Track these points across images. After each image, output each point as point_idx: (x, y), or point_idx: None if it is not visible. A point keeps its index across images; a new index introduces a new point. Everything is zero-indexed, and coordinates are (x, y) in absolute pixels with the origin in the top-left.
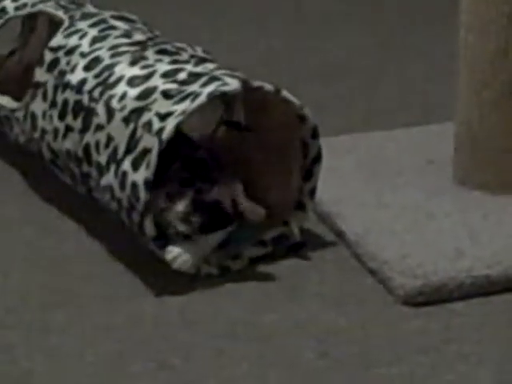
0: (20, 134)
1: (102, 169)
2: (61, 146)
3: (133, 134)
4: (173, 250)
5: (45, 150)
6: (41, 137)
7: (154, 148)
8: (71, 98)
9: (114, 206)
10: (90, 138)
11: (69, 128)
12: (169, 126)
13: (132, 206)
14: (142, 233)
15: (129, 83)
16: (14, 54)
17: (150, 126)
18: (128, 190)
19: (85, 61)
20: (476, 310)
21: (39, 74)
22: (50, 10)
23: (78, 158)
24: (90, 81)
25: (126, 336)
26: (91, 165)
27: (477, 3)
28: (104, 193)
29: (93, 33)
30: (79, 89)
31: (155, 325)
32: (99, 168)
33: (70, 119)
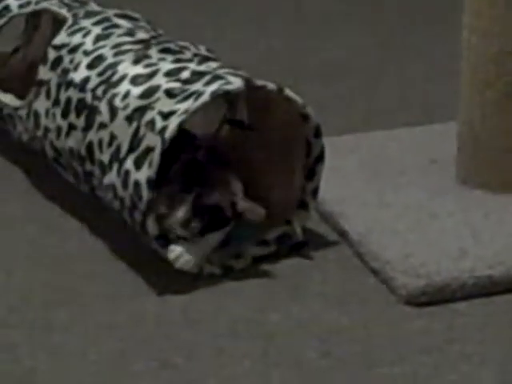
0: (23, 132)
1: (104, 167)
2: (64, 144)
3: (136, 133)
4: (175, 249)
5: (48, 148)
6: (44, 135)
7: (156, 147)
8: (74, 96)
9: (116, 205)
10: (93, 136)
11: (72, 126)
12: (172, 125)
13: (134, 205)
14: (144, 232)
15: (132, 82)
16: (18, 51)
17: (152, 124)
18: (131, 188)
19: (88, 59)
20: (479, 310)
21: (42, 72)
22: (53, 8)
23: (80, 156)
24: (94, 79)
25: (128, 335)
26: (94, 163)
27: (480, 4)
28: (107, 191)
29: (96, 31)
30: (82, 87)
31: (157, 324)
32: (102, 166)
33: (73, 117)
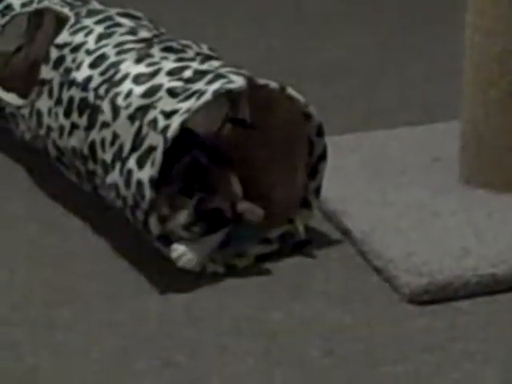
0: (26, 130)
1: (107, 167)
2: (66, 143)
3: (138, 132)
4: (178, 248)
5: (50, 147)
6: (46, 134)
7: (159, 146)
8: (77, 95)
9: (119, 204)
10: (96, 135)
11: (74, 125)
12: (174, 124)
13: (137, 204)
14: (146, 231)
15: (134, 81)
16: (21, 50)
17: (155, 123)
18: (133, 188)
19: (90, 58)
20: (482, 309)
21: (45, 72)
22: (55, 7)
23: (83, 155)
24: (96, 78)
25: (130, 333)
26: (97, 162)
27: (483, 3)
28: (109, 191)
29: (98, 30)
30: (85, 86)
31: (160, 322)
32: (104, 166)
33: (76, 117)
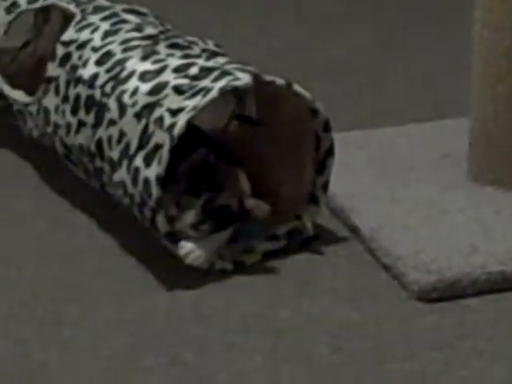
0: (33, 128)
1: (114, 164)
2: (74, 140)
3: (145, 130)
4: (185, 246)
5: (58, 144)
6: (54, 131)
7: (165, 144)
8: (83, 92)
9: (126, 202)
10: (103, 133)
11: (81, 123)
12: (180, 122)
13: (144, 202)
14: (154, 228)
15: (140, 78)
16: (28, 45)
17: (161, 121)
18: (140, 185)
19: (97, 55)
20: (490, 306)
21: (51, 69)
22: (61, 3)
23: (90, 152)
24: (102, 75)
25: (138, 330)
26: (104, 160)
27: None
28: (117, 188)
29: (104, 27)
30: (91, 83)
31: (167, 319)
32: (112, 163)
33: (83, 114)
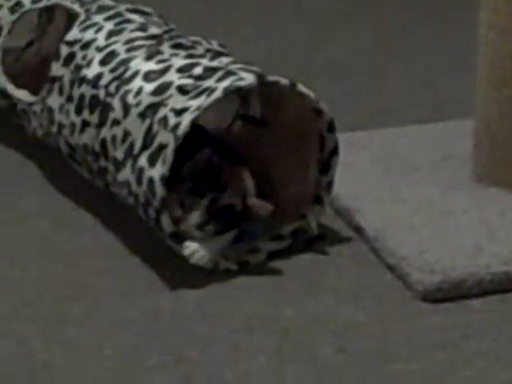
0: (38, 127)
1: (118, 164)
2: (78, 140)
3: (149, 130)
4: (190, 246)
5: (62, 144)
6: (58, 131)
7: (169, 144)
8: (87, 92)
9: (131, 201)
10: (107, 132)
11: (85, 123)
12: (184, 122)
13: (148, 202)
14: (159, 228)
15: (144, 78)
16: (32, 45)
17: (165, 121)
18: (145, 185)
19: (101, 55)
20: (495, 307)
21: (55, 69)
22: (65, 3)
23: (95, 152)
24: (106, 75)
25: (142, 330)
26: (108, 159)
27: (497, 1)
28: (121, 188)
29: (109, 26)
30: (95, 83)
31: (172, 318)
32: (116, 163)
33: (87, 114)
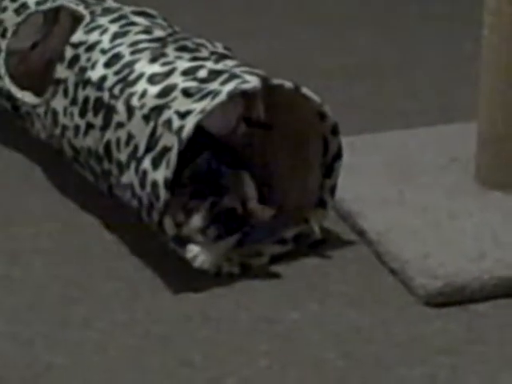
0: (41, 129)
1: (122, 166)
2: (82, 143)
3: (153, 132)
4: (193, 249)
5: (66, 146)
6: (62, 133)
7: (173, 147)
8: (92, 94)
9: (134, 204)
10: (111, 135)
11: (90, 125)
12: (188, 125)
13: (152, 205)
14: (162, 231)
15: (149, 81)
16: (37, 46)
17: (169, 124)
18: (148, 188)
19: (105, 57)
20: (498, 312)
21: (60, 71)
22: (70, 5)
23: (98, 155)
24: (111, 78)
25: (146, 332)
26: (112, 162)
27: (501, 3)
28: (125, 190)
29: (113, 29)
30: (100, 86)
31: (175, 321)
32: (120, 166)
33: (91, 116)
